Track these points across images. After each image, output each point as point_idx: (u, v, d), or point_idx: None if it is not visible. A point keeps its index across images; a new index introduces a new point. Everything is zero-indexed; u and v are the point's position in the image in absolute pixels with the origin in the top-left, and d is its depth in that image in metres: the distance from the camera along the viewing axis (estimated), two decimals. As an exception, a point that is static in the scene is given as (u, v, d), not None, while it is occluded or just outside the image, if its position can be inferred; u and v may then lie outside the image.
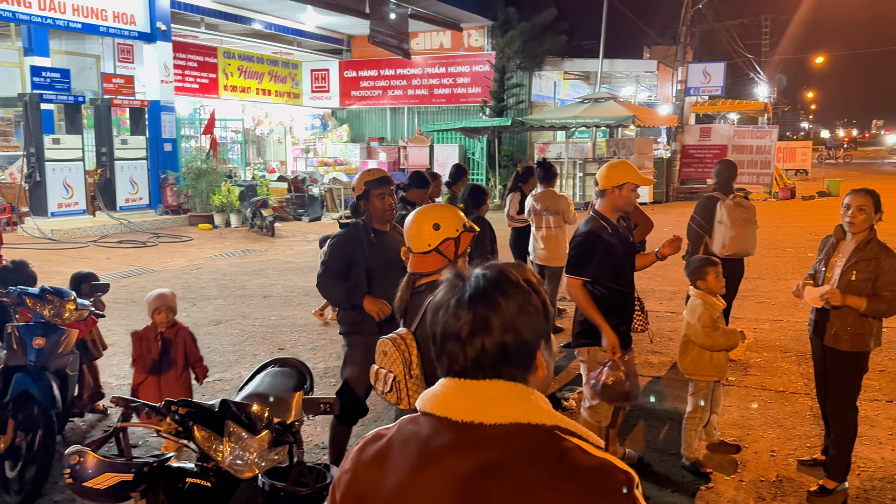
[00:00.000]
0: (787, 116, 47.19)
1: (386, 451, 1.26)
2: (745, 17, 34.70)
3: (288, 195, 17.65)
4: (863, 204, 3.72)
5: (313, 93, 23.65)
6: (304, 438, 4.67)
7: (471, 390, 1.21)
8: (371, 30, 17.68)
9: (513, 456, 1.16)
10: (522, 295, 1.23)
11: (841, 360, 3.85)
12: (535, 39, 20.86)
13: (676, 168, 21.17)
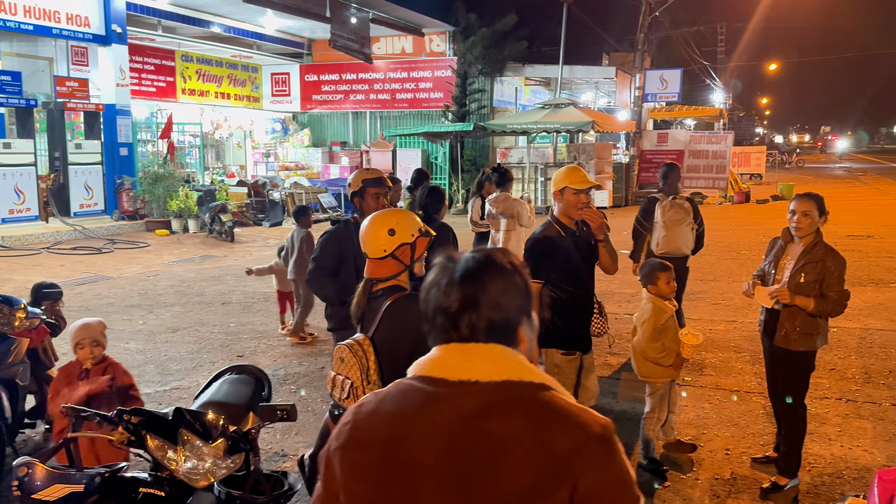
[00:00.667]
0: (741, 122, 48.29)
1: (385, 403, 1.35)
2: (701, 24, 35.46)
3: (248, 200, 17.44)
4: (807, 209, 3.83)
5: (274, 96, 23.44)
6: (263, 446, 4.63)
7: (468, 351, 1.32)
8: (332, 34, 17.60)
9: (506, 401, 1.28)
10: (507, 276, 1.36)
11: (790, 359, 3.96)
12: (496, 45, 21.01)
13: (635, 173, 21.51)
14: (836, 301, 3.77)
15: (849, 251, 11.50)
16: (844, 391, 5.54)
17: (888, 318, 7.59)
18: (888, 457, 4.41)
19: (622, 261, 4.17)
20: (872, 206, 18.70)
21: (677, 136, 22.06)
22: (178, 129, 17.80)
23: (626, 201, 20.86)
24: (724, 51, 39.02)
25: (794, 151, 43.80)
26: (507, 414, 1.26)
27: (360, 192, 4.03)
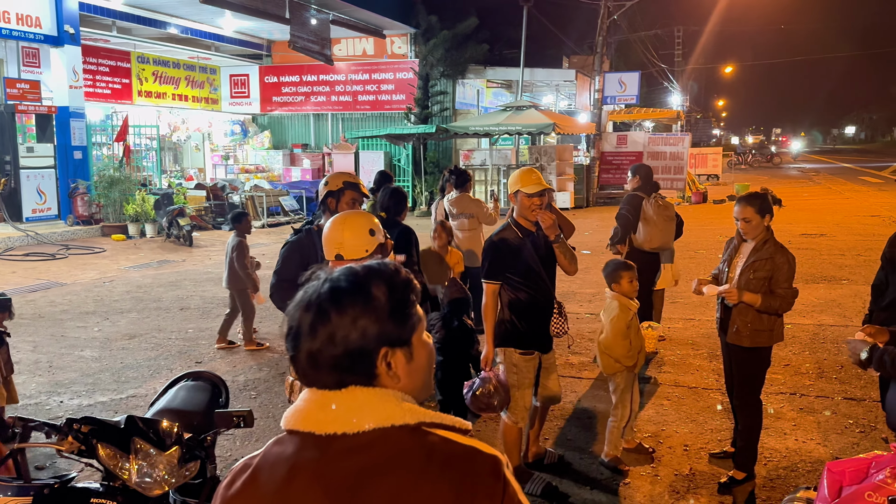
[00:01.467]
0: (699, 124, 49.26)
1: (254, 480, 1.21)
2: (658, 28, 36.11)
3: (206, 203, 17.17)
4: (747, 216, 3.94)
5: (233, 98, 23.13)
6: (222, 453, 4.56)
7: (328, 401, 1.18)
8: (292, 35, 17.44)
9: (381, 462, 1.14)
10: (363, 302, 1.19)
11: (743, 356, 4.04)
12: (458, 48, 21.07)
13: (596, 174, 21.76)
14: (784, 298, 3.85)
15: (802, 249, 11.82)
16: (798, 386, 5.67)
17: (840, 315, 7.80)
18: (840, 449, 4.53)
19: (588, 259, 4.20)
20: (825, 206, 19.23)
21: (636, 138, 22.40)
22: (134, 132, 17.45)
23: (588, 202, 21.09)
24: (682, 54, 39.85)
25: (750, 152, 44.80)
26: (385, 474, 1.14)
27: (338, 192, 3.85)
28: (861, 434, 4.76)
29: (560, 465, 4.35)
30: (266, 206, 17.60)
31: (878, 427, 4.82)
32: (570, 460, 4.44)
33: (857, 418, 5.02)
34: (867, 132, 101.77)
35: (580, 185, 20.80)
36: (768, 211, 3.94)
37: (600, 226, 15.67)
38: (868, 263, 10.39)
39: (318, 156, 21.70)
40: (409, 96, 21.08)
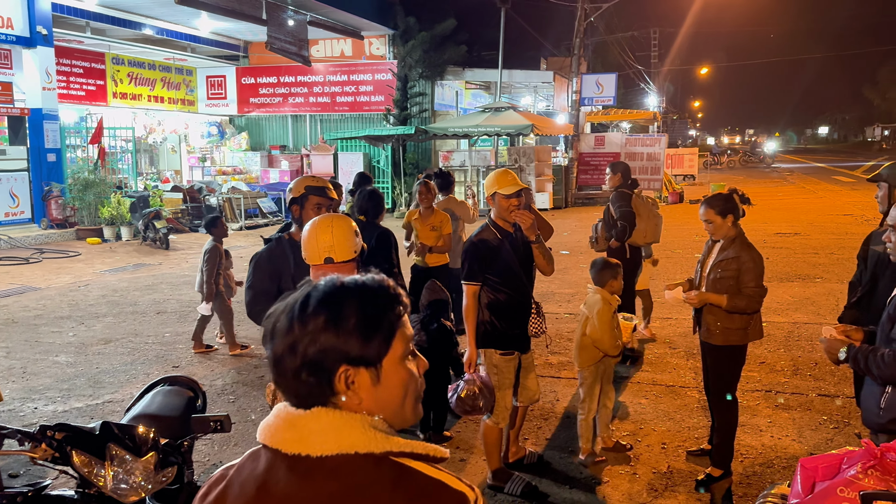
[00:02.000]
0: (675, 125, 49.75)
1: (226, 494, 1.20)
2: (635, 30, 36.43)
3: (183, 206, 17.01)
4: (709, 217, 4.02)
5: (209, 100, 22.92)
6: (200, 458, 4.52)
7: (295, 421, 1.16)
8: (269, 36, 17.33)
9: (344, 491, 1.12)
10: (326, 315, 1.14)
11: (715, 354, 4.11)
12: (436, 49, 21.08)
13: (574, 175, 21.89)
14: (751, 297, 3.89)
15: (777, 248, 11.98)
16: (774, 383, 5.75)
17: (814, 312, 7.92)
18: (814, 445, 4.60)
19: (567, 260, 4.23)
20: (799, 205, 19.51)
21: (614, 139, 22.56)
22: (109, 134, 17.22)
23: (566, 203, 21.20)
24: (658, 55, 40.22)
25: (725, 153, 45.32)
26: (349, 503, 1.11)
27: (301, 199, 3.63)
28: (835, 430, 4.84)
29: (540, 465, 4.37)
30: (244, 208, 17.48)
31: (852, 423, 4.90)
32: (550, 460, 4.47)
33: (831, 414, 5.10)
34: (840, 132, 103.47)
35: (559, 185, 20.91)
36: (731, 211, 3.98)
37: (579, 226, 15.77)
38: (841, 262, 10.56)
39: (297, 157, 21.58)
40: (388, 97, 21.05)
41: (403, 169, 20.19)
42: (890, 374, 2.52)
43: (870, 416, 2.70)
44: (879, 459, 2.01)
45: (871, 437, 2.74)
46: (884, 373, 2.54)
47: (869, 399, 2.71)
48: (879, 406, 2.63)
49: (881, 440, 2.52)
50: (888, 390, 2.60)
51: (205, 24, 19.06)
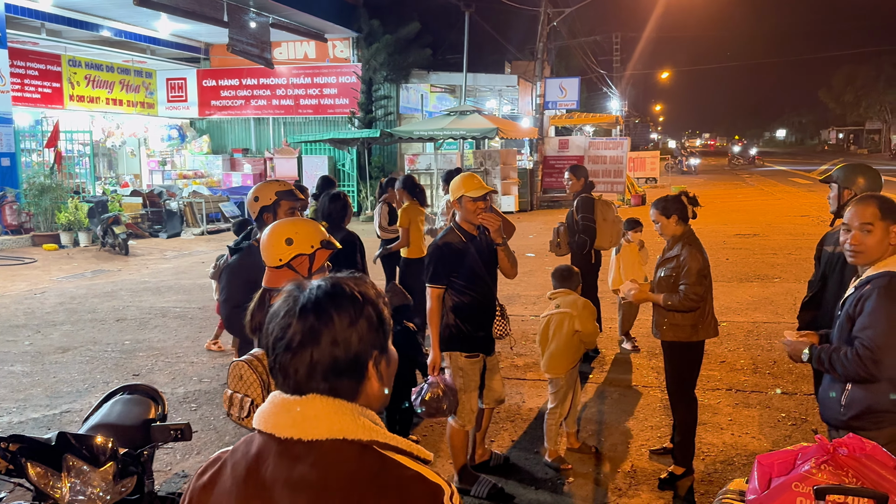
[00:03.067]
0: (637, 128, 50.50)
1: (219, 474, 1.27)
2: (597, 34, 36.86)
3: (143, 210, 16.71)
4: (654, 218, 4.16)
5: (170, 102, 22.55)
6: (162, 467, 4.44)
7: (291, 406, 1.22)
8: (230, 38, 17.14)
9: (330, 475, 1.18)
10: (355, 308, 1.24)
11: (668, 350, 4.22)
12: (401, 52, 21.06)
13: (539, 178, 22.06)
14: (684, 298, 3.98)
15: (737, 249, 12.23)
16: (734, 382, 5.87)
17: (773, 312, 8.09)
18: (773, 442, 4.70)
19: (532, 262, 4.25)
20: (758, 207, 19.94)
21: (577, 143, 22.79)
22: (65, 138, 16.83)
23: (532, 206, 21.36)
24: (620, 60, 40.76)
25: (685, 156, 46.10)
26: (331, 489, 1.17)
27: (273, 206, 3.64)
28: (793, 427, 4.95)
29: (506, 467, 4.39)
30: (205, 212, 17.23)
31: (809, 419, 5.02)
32: (516, 461, 4.49)
33: (790, 411, 5.22)
34: (797, 135, 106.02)
35: (524, 188, 21.05)
36: (676, 211, 4.09)
37: (544, 229, 15.88)
38: (798, 262, 10.83)
39: (260, 160, 21.35)
40: (353, 100, 20.96)
41: (369, 172, 20.12)
42: (853, 372, 2.59)
43: (830, 413, 2.77)
44: (832, 455, 2.06)
45: (830, 432, 2.82)
46: (848, 371, 2.61)
47: (829, 396, 2.77)
48: (840, 403, 2.70)
49: (841, 436, 2.59)
50: (848, 388, 2.68)
51: (164, 25, 18.76)
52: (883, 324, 2.54)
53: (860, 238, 2.68)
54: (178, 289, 10.17)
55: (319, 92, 21.58)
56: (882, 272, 2.62)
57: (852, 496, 1.98)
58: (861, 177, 3.75)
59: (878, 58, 58.88)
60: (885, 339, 2.53)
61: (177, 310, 8.91)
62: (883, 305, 2.55)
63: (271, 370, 1.27)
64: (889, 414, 2.60)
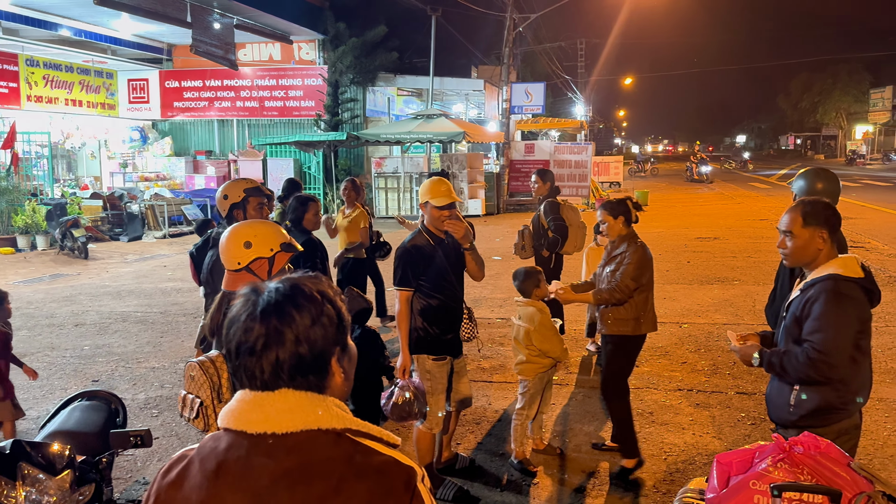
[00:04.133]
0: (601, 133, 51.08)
1: (186, 471, 1.26)
2: (562, 40, 37.25)
3: (103, 213, 16.38)
4: (601, 218, 4.36)
5: (131, 103, 22.16)
6: (122, 475, 4.35)
7: (262, 402, 1.24)
8: (193, 39, 16.90)
9: (305, 464, 1.20)
10: (315, 307, 1.26)
11: (610, 344, 4.36)
12: (368, 55, 21.02)
13: (505, 182, 22.19)
14: (611, 289, 4.17)
15: (698, 252, 12.45)
16: (695, 383, 5.97)
17: (733, 314, 8.25)
18: (733, 441, 4.79)
19: (499, 265, 4.27)
20: (719, 210, 20.33)
21: (543, 147, 23.00)
22: (23, 139, 16.42)
23: (498, 209, 21.46)
24: (584, 66, 41.24)
25: (649, 161, 46.80)
26: (306, 478, 1.19)
27: (243, 203, 3.80)
28: (752, 426, 5.06)
29: (471, 469, 4.40)
30: (167, 215, 16.95)
31: (767, 419, 5.12)
32: (482, 463, 4.50)
33: (749, 411, 5.32)
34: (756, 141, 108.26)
35: (491, 192, 21.15)
36: (621, 213, 4.28)
37: (511, 232, 15.96)
38: (757, 265, 11.06)
39: (224, 163, 21.09)
40: (319, 103, 20.85)
41: (336, 175, 20.02)
42: (805, 374, 2.66)
43: (780, 413, 2.84)
44: (788, 453, 2.11)
45: (779, 431, 2.89)
46: (799, 374, 2.68)
47: (778, 397, 2.84)
48: (790, 404, 2.77)
49: (790, 434, 2.66)
50: (797, 388, 2.75)
51: (126, 25, 18.43)
52: (832, 327, 2.61)
53: (784, 242, 2.82)
54: (139, 293, 9.99)
55: (285, 94, 21.42)
56: (825, 275, 2.70)
57: (807, 493, 2.03)
58: (820, 182, 3.85)
59: (834, 66, 60.53)
60: (834, 343, 2.61)
61: (138, 314, 8.76)
62: (831, 309, 2.62)
63: (234, 373, 1.27)
64: (836, 412, 2.68)
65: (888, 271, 10.19)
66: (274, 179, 18.80)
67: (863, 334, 2.68)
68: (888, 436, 4.82)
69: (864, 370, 2.74)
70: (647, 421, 5.14)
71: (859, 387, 2.72)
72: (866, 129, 57.30)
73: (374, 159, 20.92)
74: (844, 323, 2.61)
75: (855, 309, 2.63)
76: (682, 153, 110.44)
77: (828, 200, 2.87)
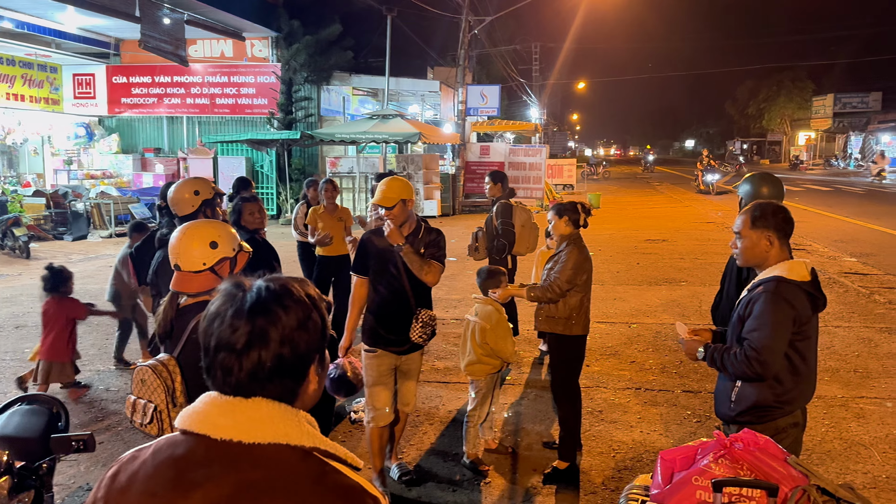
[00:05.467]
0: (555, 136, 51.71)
1: (138, 475, 1.20)
2: (517, 43, 37.58)
3: (46, 212, 15.86)
4: (550, 219, 4.47)
5: (76, 99, 21.50)
6: (65, 481, 4.24)
7: (233, 408, 1.19)
8: (142, 34, 16.49)
9: (269, 480, 1.15)
10: (303, 310, 1.24)
11: (552, 344, 4.48)
12: (322, 53, 20.83)
13: (461, 183, 22.28)
14: (544, 288, 4.28)
15: (647, 254, 12.71)
16: (643, 381, 6.09)
17: (680, 314, 8.45)
18: (679, 438, 4.91)
19: (454, 266, 4.26)
20: (667, 213, 20.77)
21: (498, 149, 23.16)
22: (-41, 133, 15.79)
23: (454, 210, 21.52)
24: (539, 69, 41.68)
25: (601, 164, 47.55)
26: (270, 494, 1.14)
27: (212, 200, 3.91)
28: (697, 423, 5.19)
29: (423, 470, 4.41)
30: (114, 214, 16.51)
31: (712, 416, 5.27)
32: (434, 463, 4.52)
33: (695, 409, 5.46)
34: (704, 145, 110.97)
35: (446, 193, 21.20)
36: (566, 213, 4.39)
37: (466, 233, 16.01)
38: (704, 266, 11.35)
39: (173, 161, 20.63)
40: (272, 101, 20.57)
41: (289, 174, 19.79)
42: (742, 371, 2.75)
43: (722, 409, 2.94)
44: (728, 449, 2.18)
45: (723, 427, 2.98)
46: (736, 370, 2.77)
47: (722, 393, 2.95)
48: (731, 399, 2.87)
49: (732, 430, 2.75)
50: (738, 385, 2.84)
51: (71, 18, 17.87)
52: (767, 326, 2.71)
53: (735, 243, 2.94)
54: (84, 294, 9.68)
55: (237, 91, 21.08)
56: (770, 276, 2.80)
57: (746, 488, 2.10)
58: (765, 186, 3.99)
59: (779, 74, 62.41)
60: (770, 342, 2.70)
61: (82, 316, 8.50)
62: (768, 309, 2.72)
63: (208, 370, 1.23)
64: (773, 409, 2.78)
65: (827, 273, 10.57)
66: (225, 178, 18.47)
67: (800, 337, 2.77)
68: (825, 432, 5.01)
69: (804, 374, 2.81)
70: (596, 419, 5.23)
71: (797, 388, 2.81)
72: (809, 135, 59.29)
73: (328, 159, 20.74)
74: (780, 324, 2.71)
75: (792, 310, 2.72)
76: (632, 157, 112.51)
77: (780, 205, 2.96)
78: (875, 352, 6.87)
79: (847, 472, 4.39)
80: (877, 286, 9.80)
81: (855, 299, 9.01)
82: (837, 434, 4.98)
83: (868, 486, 4.20)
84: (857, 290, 9.54)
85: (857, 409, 5.42)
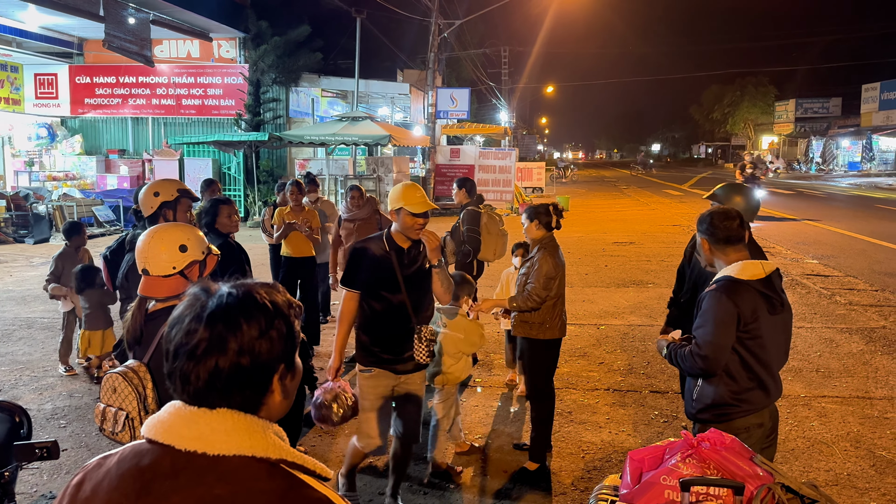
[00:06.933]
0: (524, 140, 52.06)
1: (102, 485, 1.17)
2: (486, 47, 37.75)
3: (7, 214, 15.49)
4: (523, 221, 4.50)
5: (38, 99, 21.04)
6: (27, 489, 4.14)
7: (197, 419, 1.16)
8: (106, 34, 16.20)
9: (236, 494, 1.12)
10: (266, 317, 1.20)
11: (525, 346, 4.50)
12: (291, 55, 20.69)
13: (431, 186, 22.28)
14: (526, 297, 4.28)
15: (615, 256, 12.85)
16: (612, 382, 6.16)
17: (647, 315, 8.56)
18: (647, 438, 4.97)
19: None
20: (635, 216, 21.02)
21: (468, 152, 23.23)
22: (-86, 133, 15.35)
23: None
24: (508, 73, 41.94)
25: (570, 167, 47.99)
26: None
27: (175, 202, 3.71)
28: (665, 424, 5.26)
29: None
30: (77, 216, 16.18)
31: (679, 416, 5.35)
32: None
33: (662, 409, 5.54)
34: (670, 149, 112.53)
35: (416, 195, 21.16)
36: (537, 217, 4.40)
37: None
38: (670, 268, 11.49)
39: (138, 162, 20.30)
40: (239, 102, 20.36)
41: (257, 176, 19.60)
42: (689, 367, 2.86)
43: (687, 406, 3.03)
44: (696, 448, 2.22)
45: (693, 426, 3.04)
46: (686, 366, 2.88)
47: (687, 391, 3.04)
48: (692, 397, 2.94)
49: (698, 429, 2.81)
50: (699, 383, 2.91)
51: (33, 17, 17.49)
52: (711, 323, 2.79)
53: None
54: (46, 298, 9.47)
55: (203, 92, 20.83)
56: (721, 276, 2.90)
57: (713, 486, 2.14)
58: (737, 195, 4.10)
59: (742, 79, 63.68)
60: (711, 338, 2.78)
61: (44, 320, 8.33)
62: (712, 306, 2.81)
63: (169, 376, 1.20)
64: (731, 407, 2.85)
65: (790, 275, 10.80)
66: (191, 180, 18.22)
67: (749, 336, 2.80)
68: (789, 430, 5.11)
69: (760, 373, 2.85)
70: (566, 420, 5.27)
71: (755, 387, 2.85)
72: (772, 139, 60.55)
73: (297, 161, 20.60)
74: (724, 321, 2.78)
75: (734, 308, 2.77)
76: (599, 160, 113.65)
77: (727, 211, 3.03)
78: (836, 351, 7.04)
79: (810, 470, 4.49)
80: (837, 287, 10.04)
81: (817, 300, 9.21)
82: (801, 433, 5.09)
83: (830, 484, 4.30)
84: (818, 291, 9.76)
85: (819, 408, 5.55)
